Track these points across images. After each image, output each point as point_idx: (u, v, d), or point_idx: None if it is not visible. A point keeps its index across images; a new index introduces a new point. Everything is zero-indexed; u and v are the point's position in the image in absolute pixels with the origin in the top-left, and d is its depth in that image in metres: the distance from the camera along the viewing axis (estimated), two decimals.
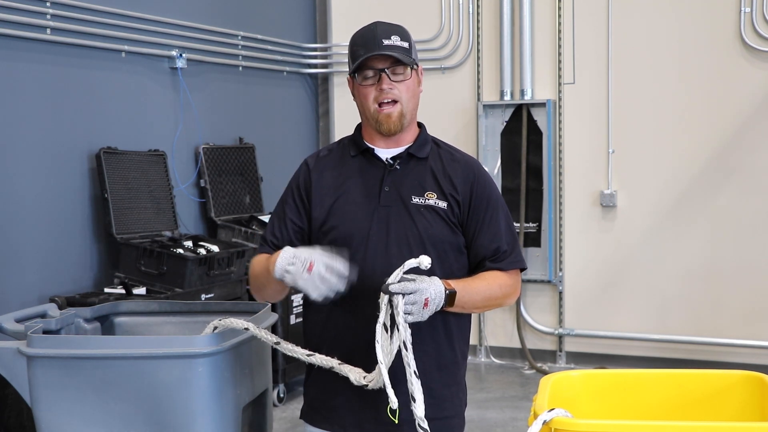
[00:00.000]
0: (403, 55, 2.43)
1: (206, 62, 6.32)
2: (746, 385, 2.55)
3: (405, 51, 2.45)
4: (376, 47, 2.42)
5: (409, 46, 2.47)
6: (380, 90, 2.44)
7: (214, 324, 2.60)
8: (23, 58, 4.94)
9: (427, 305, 2.23)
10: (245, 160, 6.56)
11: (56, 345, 2.65)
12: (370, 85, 2.45)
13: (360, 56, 2.44)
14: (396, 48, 2.43)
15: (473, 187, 2.50)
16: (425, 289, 2.22)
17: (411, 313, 2.21)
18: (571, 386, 2.59)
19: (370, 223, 2.45)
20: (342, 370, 2.34)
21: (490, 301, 2.47)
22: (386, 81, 2.43)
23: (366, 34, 2.47)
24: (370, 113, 2.48)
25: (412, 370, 2.21)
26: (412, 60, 2.46)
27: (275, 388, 5.77)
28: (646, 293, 6.64)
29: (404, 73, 2.45)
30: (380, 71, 2.43)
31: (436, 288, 2.25)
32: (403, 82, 2.45)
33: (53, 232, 5.07)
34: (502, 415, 5.71)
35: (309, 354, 2.41)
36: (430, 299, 2.23)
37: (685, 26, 6.45)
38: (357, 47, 2.47)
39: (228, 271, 5.47)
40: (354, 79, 2.50)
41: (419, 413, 2.21)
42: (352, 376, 2.31)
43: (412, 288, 2.21)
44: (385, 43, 2.43)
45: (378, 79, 2.44)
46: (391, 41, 2.44)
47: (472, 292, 2.40)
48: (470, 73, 7.09)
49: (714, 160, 6.41)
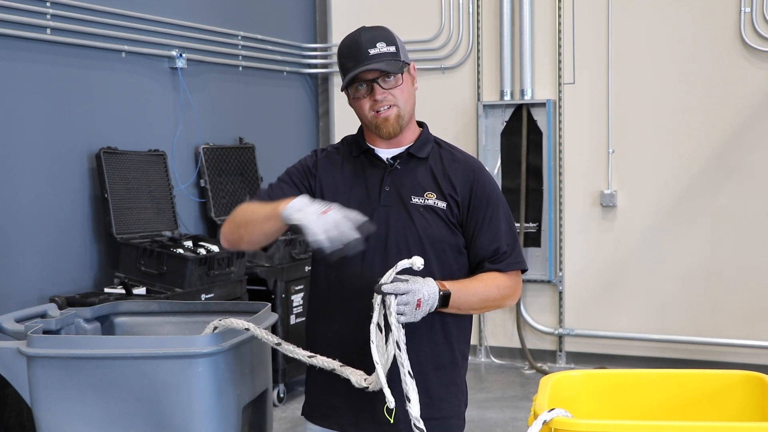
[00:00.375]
0: (390, 64, 2.42)
1: (206, 62, 6.32)
2: (746, 385, 2.55)
3: (392, 56, 2.44)
4: (363, 59, 2.41)
5: (397, 48, 2.46)
6: (374, 100, 2.45)
7: (214, 324, 2.60)
8: (23, 58, 4.94)
9: (419, 306, 2.23)
10: (245, 160, 6.56)
11: (56, 345, 2.65)
12: (363, 97, 2.46)
13: (349, 70, 2.43)
14: (383, 56, 2.42)
15: (473, 187, 2.50)
16: (418, 289, 2.22)
17: (403, 314, 2.21)
18: (571, 386, 2.59)
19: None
20: (343, 372, 2.34)
21: (488, 302, 2.47)
22: (379, 91, 2.44)
23: (351, 46, 2.46)
24: (368, 120, 2.49)
25: (406, 370, 2.22)
26: (400, 66, 2.45)
27: (275, 388, 5.77)
28: (646, 293, 6.64)
29: (395, 79, 2.45)
30: (371, 82, 2.43)
31: (429, 289, 2.25)
32: (396, 87, 2.45)
33: (53, 232, 5.07)
34: (502, 415, 5.71)
35: (310, 356, 2.41)
36: (423, 300, 2.23)
37: (685, 26, 6.45)
38: (345, 60, 2.47)
39: (228, 271, 5.47)
40: (343, 90, 2.51)
41: (414, 413, 2.21)
42: (353, 378, 2.31)
43: (404, 288, 2.21)
44: (371, 53, 2.42)
45: (370, 90, 2.44)
46: (377, 49, 2.42)
47: (468, 294, 2.40)
48: (470, 73, 7.09)
49: (714, 160, 6.41)
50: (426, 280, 2.27)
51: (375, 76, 2.43)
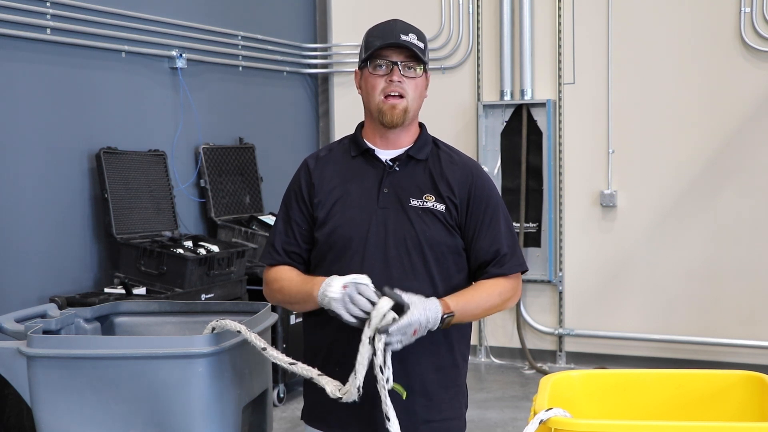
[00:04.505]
0: (418, 52, 2.44)
1: (206, 62, 6.32)
2: (746, 385, 2.54)
3: (420, 50, 2.45)
4: (394, 39, 2.43)
5: (424, 47, 2.48)
6: (389, 81, 2.43)
7: (212, 325, 2.60)
8: (23, 58, 4.94)
9: (415, 334, 2.24)
10: (245, 160, 6.56)
11: (56, 345, 2.64)
12: (380, 75, 2.44)
13: (375, 45, 2.44)
14: (413, 45, 2.44)
15: (471, 189, 2.49)
16: (416, 320, 2.22)
17: (400, 342, 2.22)
18: (570, 386, 2.59)
19: (369, 226, 2.44)
20: (320, 381, 2.33)
21: (490, 310, 2.48)
22: (397, 74, 2.43)
23: (384, 28, 2.48)
24: (375, 103, 2.46)
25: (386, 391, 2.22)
26: (425, 60, 2.47)
27: (275, 388, 5.77)
28: (646, 293, 6.64)
29: (416, 71, 2.45)
30: (393, 63, 2.43)
31: (431, 314, 2.25)
32: (413, 79, 2.45)
33: (53, 232, 5.07)
34: (502, 415, 5.71)
35: (291, 362, 2.38)
36: (419, 329, 2.23)
37: (685, 26, 6.45)
38: (373, 38, 2.47)
39: (228, 271, 5.47)
40: (364, 68, 2.48)
41: (394, 430, 2.22)
42: (329, 388, 2.30)
43: (401, 328, 2.20)
44: (402, 37, 2.44)
45: (390, 70, 2.43)
46: (409, 38, 2.44)
47: (472, 306, 2.41)
48: (470, 73, 7.09)
49: (714, 159, 6.41)
50: (429, 302, 2.26)
51: (400, 58, 2.43)
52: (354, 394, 2.23)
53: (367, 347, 2.21)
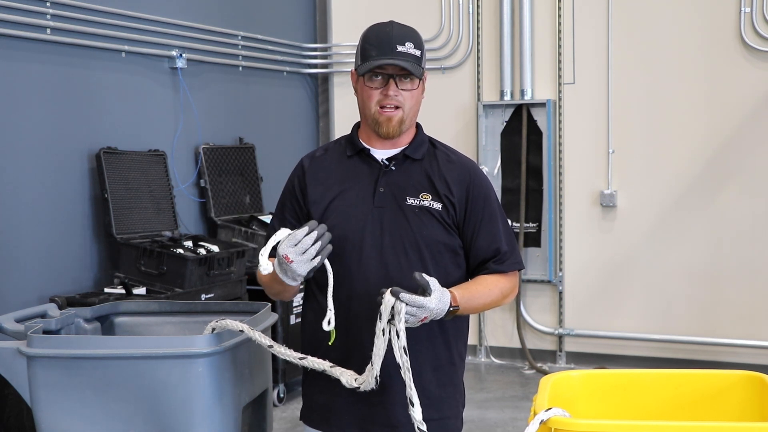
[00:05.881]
0: (414, 66, 2.40)
1: (206, 62, 6.32)
2: (746, 385, 2.54)
3: (417, 60, 2.42)
4: (390, 53, 2.39)
5: (421, 54, 2.45)
6: (385, 95, 2.42)
7: (212, 325, 2.60)
8: (23, 58, 4.94)
9: (423, 321, 2.24)
10: (245, 160, 6.56)
11: (56, 345, 2.64)
12: (376, 88, 2.43)
13: (371, 58, 2.40)
14: (409, 56, 2.40)
15: (469, 188, 2.49)
16: (430, 309, 2.22)
17: (406, 322, 2.21)
18: (570, 386, 2.59)
19: (365, 225, 2.44)
20: (334, 372, 2.32)
21: (489, 305, 2.49)
22: (393, 88, 2.41)
23: (381, 35, 2.43)
24: (370, 113, 2.46)
25: (410, 375, 2.20)
26: (421, 72, 2.44)
27: (275, 388, 5.77)
28: (646, 293, 6.64)
29: (412, 83, 2.43)
30: (389, 76, 2.41)
31: (441, 305, 2.25)
32: (409, 91, 2.44)
33: (53, 232, 5.07)
34: (502, 415, 5.71)
35: (301, 357, 2.38)
36: (429, 317, 2.24)
37: (685, 26, 6.45)
38: (369, 46, 2.43)
39: (228, 271, 5.47)
40: (360, 75, 2.46)
41: (417, 416, 2.21)
42: (344, 378, 2.29)
43: (419, 303, 2.20)
44: (398, 49, 2.40)
45: (385, 83, 2.42)
46: (405, 48, 2.41)
47: (474, 300, 2.41)
48: (470, 73, 7.09)
49: (714, 159, 6.41)
50: (443, 293, 2.27)
51: (396, 72, 2.41)
52: (371, 383, 2.23)
53: (382, 339, 2.20)
